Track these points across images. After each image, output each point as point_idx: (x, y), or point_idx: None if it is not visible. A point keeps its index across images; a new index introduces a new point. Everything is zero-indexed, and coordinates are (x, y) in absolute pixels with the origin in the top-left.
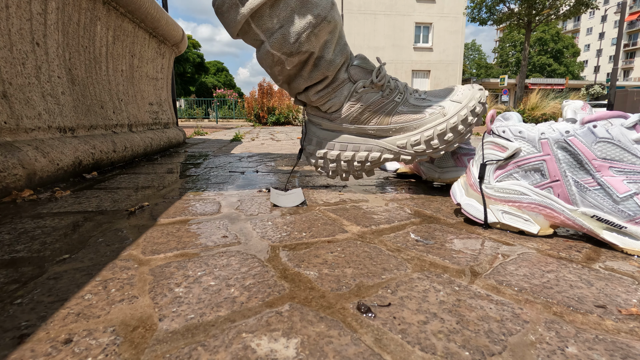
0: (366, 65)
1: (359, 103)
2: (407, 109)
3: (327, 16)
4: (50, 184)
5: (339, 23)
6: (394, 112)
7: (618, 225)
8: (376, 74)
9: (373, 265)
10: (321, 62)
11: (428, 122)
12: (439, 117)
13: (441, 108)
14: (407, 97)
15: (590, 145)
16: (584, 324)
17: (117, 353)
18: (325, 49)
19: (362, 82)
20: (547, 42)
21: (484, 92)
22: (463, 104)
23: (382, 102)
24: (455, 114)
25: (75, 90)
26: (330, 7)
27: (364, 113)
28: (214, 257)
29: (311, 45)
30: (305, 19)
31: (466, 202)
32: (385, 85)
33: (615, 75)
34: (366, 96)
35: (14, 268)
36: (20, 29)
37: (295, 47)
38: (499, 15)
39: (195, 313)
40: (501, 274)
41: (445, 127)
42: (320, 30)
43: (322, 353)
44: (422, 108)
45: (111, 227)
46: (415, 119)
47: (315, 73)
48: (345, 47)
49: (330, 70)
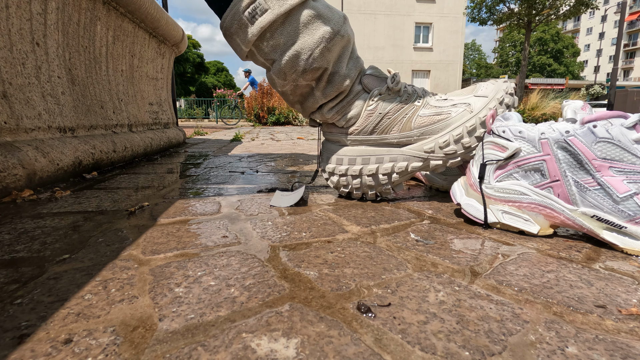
0: (379, 74)
1: (377, 111)
2: (430, 111)
3: (340, 30)
4: (50, 184)
5: (351, 37)
6: (415, 116)
7: (618, 225)
8: (392, 79)
9: (373, 265)
10: (335, 78)
11: (455, 121)
12: (466, 114)
13: (467, 105)
14: (427, 99)
15: (590, 145)
16: (584, 324)
17: (117, 353)
18: (339, 63)
19: (377, 89)
20: (547, 42)
21: (510, 82)
22: (490, 97)
23: (401, 107)
24: (484, 107)
25: (75, 90)
26: (343, 21)
27: (383, 121)
28: (214, 257)
29: (325, 61)
30: (317, 34)
31: (466, 202)
32: (403, 90)
33: (615, 75)
34: (383, 103)
35: (14, 268)
36: (20, 29)
37: (308, 64)
38: (499, 15)
39: (195, 313)
40: (501, 274)
41: (475, 122)
42: (334, 45)
43: (322, 353)
44: (445, 108)
45: (111, 227)
46: (441, 119)
47: (329, 89)
48: (358, 60)
49: (345, 85)
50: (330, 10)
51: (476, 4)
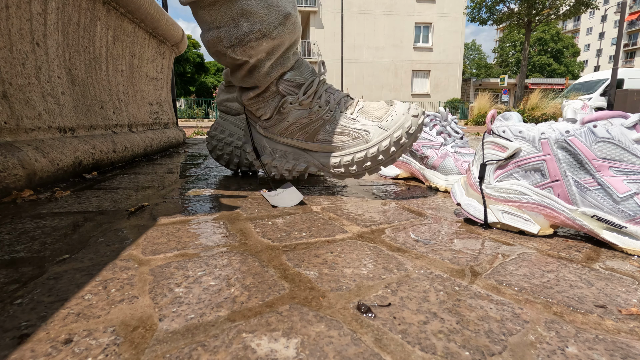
0: (297, 79)
1: (285, 119)
2: (334, 128)
3: (272, 33)
4: (50, 184)
5: (286, 40)
6: (320, 130)
7: (618, 225)
8: (304, 90)
9: (373, 265)
10: (255, 72)
11: (349, 147)
12: (361, 144)
13: (366, 133)
14: (336, 115)
15: (591, 145)
16: (584, 324)
17: (117, 353)
18: (263, 61)
19: (290, 97)
20: (547, 42)
21: (418, 119)
22: (388, 133)
23: (309, 119)
24: (376, 144)
25: (75, 91)
26: (280, 23)
27: (290, 128)
28: (214, 257)
29: (246, 55)
30: (243, 29)
31: (466, 202)
32: (314, 103)
33: (615, 75)
34: (293, 113)
35: (14, 268)
36: (20, 29)
37: (228, 52)
38: (499, 15)
39: (195, 313)
40: (501, 274)
41: (364, 155)
42: (260, 44)
43: (322, 353)
44: (348, 130)
45: (111, 227)
46: (339, 140)
47: (247, 80)
48: (287, 61)
49: (263, 82)
50: (268, 10)
51: (476, 4)
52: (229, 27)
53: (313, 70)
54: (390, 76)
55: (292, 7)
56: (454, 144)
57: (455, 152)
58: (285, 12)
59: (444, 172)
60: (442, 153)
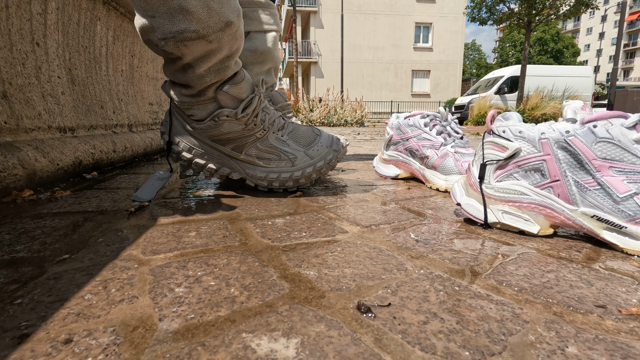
0: (237, 94)
1: (219, 128)
2: (264, 147)
3: (210, 37)
4: (50, 184)
5: (225, 47)
6: (252, 145)
7: (618, 225)
8: (243, 107)
9: (373, 265)
10: (189, 71)
11: (275, 168)
12: (287, 166)
13: (293, 157)
14: (268, 135)
15: (591, 145)
16: (584, 324)
17: (117, 353)
18: (199, 62)
19: (227, 110)
20: (547, 42)
21: (339, 152)
22: (313, 162)
23: (242, 134)
24: (301, 169)
25: (75, 90)
26: (220, 29)
27: (222, 136)
28: (214, 257)
29: (179, 52)
30: (179, 26)
31: (466, 202)
32: (250, 120)
33: (615, 75)
34: (228, 125)
35: (14, 268)
36: (20, 29)
37: (160, 44)
38: (499, 15)
39: (195, 313)
40: (501, 274)
41: (288, 176)
42: (195, 45)
43: (322, 353)
44: (278, 151)
45: (111, 227)
46: (267, 158)
47: (179, 76)
48: (227, 69)
49: (196, 84)
50: (209, 13)
51: (476, 3)
52: (164, 20)
53: (253, 86)
54: (390, 76)
55: (235, 16)
56: (454, 144)
57: (455, 152)
58: (227, 19)
59: (444, 172)
60: (442, 153)
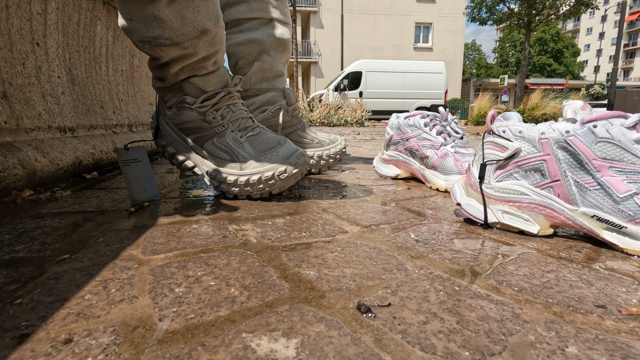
0: (201, 85)
1: (181, 116)
2: (220, 144)
3: (184, 44)
4: (50, 184)
5: (201, 52)
6: (209, 140)
7: (618, 225)
8: (203, 99)
9: (373, 265)
10: (165, 69)
11: (227, 166)
12: (236, 168)
13: (244, 160)
14: (226, 133)
15: (591, 145)
16: (584, 324)
17: (117, 353)
18: (175, 62)
19: (190, 99)
20: (547, 42)
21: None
22: (261, 170)
23: (201, 125)
24: (247, 175)
25: (75, 90)
26: (195, 37)
27: (184, 126)
28: (214, 257)
29: (155, 54)
30: (154, 32)
31: (466, 202)
32: (209, 113)
33: (615, 75)
34: (188, 113)
35: (14, 268)
36: (20, 29)
37: (139, 45)
38: (499, 15)
39: (195, 313)
40: (501, 274)
41: (234, 180)
42: (170, 50)
43: (322, 353)
44: (231, 151)
45: (111, 227)
46: (220, 156)
47: (157, 72)
48: (203, 69)
49: (169, 80)
50: (182, 22)
51: (476, 3)
52: (140, 24)
53: (224, 84)
54: None
55: (212, 23)
56: (454, 144)
57: (455, 152)
58: (203, 27)
59: (444, 172)
60: (442, 153)
